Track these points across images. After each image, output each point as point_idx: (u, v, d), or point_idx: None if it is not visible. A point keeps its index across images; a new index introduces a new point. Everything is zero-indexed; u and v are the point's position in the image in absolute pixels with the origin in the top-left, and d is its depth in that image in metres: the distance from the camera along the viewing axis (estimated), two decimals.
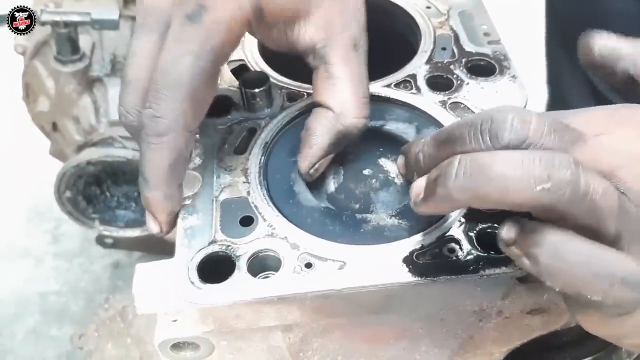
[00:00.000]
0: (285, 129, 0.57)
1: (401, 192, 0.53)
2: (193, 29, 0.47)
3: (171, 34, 0.48)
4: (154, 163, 0.48)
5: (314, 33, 0.52)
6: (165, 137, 0.47)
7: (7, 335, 1.57)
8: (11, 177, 1.83)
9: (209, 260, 0.47)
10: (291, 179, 0.53)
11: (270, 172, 0.54)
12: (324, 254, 0.46)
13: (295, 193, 0.52)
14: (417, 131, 0.56)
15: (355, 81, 0.52)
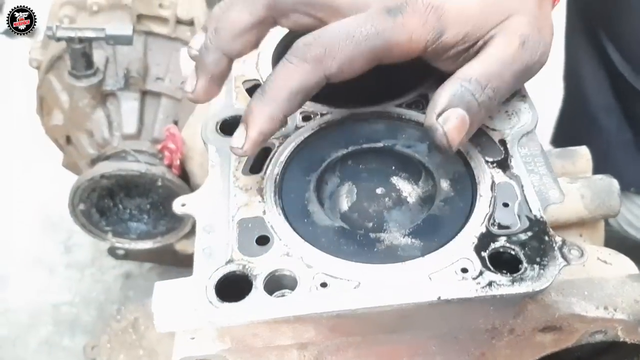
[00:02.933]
0: (299, 148, 0.58)
1: (413, 211, 0.54)
2: (385, 19, 0.51)
3: (367, 16, 0.51)
4: (283, 80, 0.50)
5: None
6: (308, 64, 0.50)
7: (20, 345, 1.59)
8: (25, 188, 1.85)
9: (226, 279, 0.48)
10: (305, 198, 0.54)
11: (285, 192, 0.55)
12: (339, 273, 0.47)
13: (309, 212, 0.53)
14: (429, 150, 0.57)
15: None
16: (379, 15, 0.51)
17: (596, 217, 0.61)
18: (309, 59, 0.50)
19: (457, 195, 0.53)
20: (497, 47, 0.53)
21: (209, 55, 0.54)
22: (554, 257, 0.47)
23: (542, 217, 0.50)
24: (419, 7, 0.52)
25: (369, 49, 0.51)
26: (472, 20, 0.53)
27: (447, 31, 0.52)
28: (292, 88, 0.50)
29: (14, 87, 2.13)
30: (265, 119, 0.51)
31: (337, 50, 0.50)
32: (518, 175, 0.53)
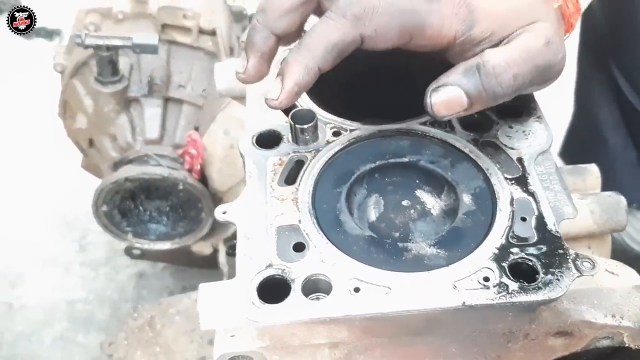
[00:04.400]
0: (330, 162, 0.62)
1: (437, 223, 0.58)
2: (424, 1, 0.55)
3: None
4: (321, 34, 0.55)
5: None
6: (347, 21, 0.54)
7: (35, 340, 1.63)
8: (42, 188, 1.90)
9: (267, 282, 0.52)
10: (337, 208, 0.58)
11: (318, 202, 0.59)
12: (370, 279, 0.51)
13: (341, 222, 0.57)
14: (451, 166, 0.61)
15: None
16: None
17: (604, 231, 0.65)
18: (348, 15, 0.54)
19: (478, 209, 0.57)
20: (523, 41, 0.57)
21: (257, 34, 0.57)
22: (568, 269, 0.51)
23: (557, 231, 0.54)
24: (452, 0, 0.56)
25: (405, 21, 0.55)
26: (499, 19, 0.57)
27: (476, 26, 0.56)
28: (329, 42, 0.54)
29: (32, 87, 2.17)
30: (301, 70, 0.55)
31: (377, 14, 0.54)
32: (535, 191, 0.57)
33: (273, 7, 0.57)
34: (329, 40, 0.54)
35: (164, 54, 1.23)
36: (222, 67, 0.76)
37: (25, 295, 1.71)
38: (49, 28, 2.45)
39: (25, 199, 1.89)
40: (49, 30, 2.43)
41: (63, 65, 1.31)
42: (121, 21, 1.24)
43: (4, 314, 1.68)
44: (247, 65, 0.58)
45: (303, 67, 0.54)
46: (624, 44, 1.08)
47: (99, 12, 1.25)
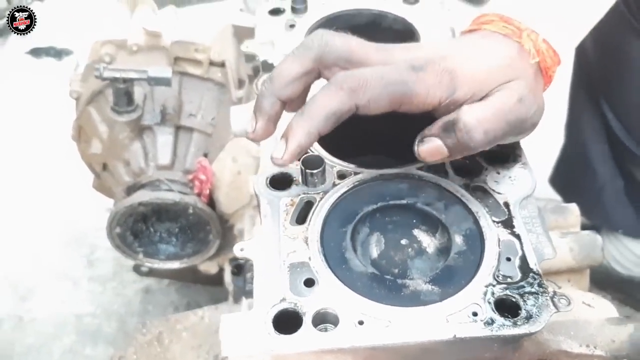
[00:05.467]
0: (336, 203, 0.69)
1: (432, 260, 0.65)
2: (409, 73, 0.62)
3: (396, 67, 0.63)
4: (321, 102, 0.61)
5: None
6: (344, 92, 0.61)
7: (45, 353, 1.68)
8: (52, 205, 1.96)
9: (281, 315, 0.59)
10: (343, 247, 0.65)
11: (326, 241, 0.66)
12: (373, 313, 0.58)
13: (346, 259, 0.64)
14: (445, 208, 0.68)
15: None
16: (405, 68, 0.63)
17: (582, 266, 0.72)
18: (345, 88, 0.61)
19: (468, 249, 0.64)
20: (497, 99, 0.64)
21: (265, 99, 0.65)
22: (547, 305, 0.58)
23: (538, 270, 0.61)
24: (436, 69, 0.63)
25: (393, 92, 0.61)
26: (479, 81, 0.64)
27: (458, 90, 0.63)
28: (329, 110, 0.61)
29: (41, 106, 2.24)
30: (303, 134, 0.62)
31: (369, 86, 0.61)
32: (519, 233, 0.64)
33: (279, 77, 0.64)
34: (328, 109, 0.61)
35: (176, 84, 1.30)
36: (238, 110, 0.83)
37: (36, 308, 1.77)
38: (58, 47, 2.51)
39: (37, 215, 1.94)
40: (58, 49, 2.49)
41: (79, 92, 1.38)
42: (135, 53, 1.31)
43: (15, 327, 1.73)
44: (256, 126, 0.65)
45: (305, 131, 0.62)
46: (613, 82, 1.15)
47: (114, 43, 1.32)
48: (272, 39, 0.92)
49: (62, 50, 2.52)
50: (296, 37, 0.91)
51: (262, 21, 0.95)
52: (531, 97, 0.66)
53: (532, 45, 0.67)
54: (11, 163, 2.13)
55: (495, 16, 0.69)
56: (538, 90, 0.68)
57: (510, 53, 0.67)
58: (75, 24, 2.50)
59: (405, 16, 0.94)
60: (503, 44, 0.68)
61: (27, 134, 2.20)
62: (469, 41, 0.69)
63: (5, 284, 1.81)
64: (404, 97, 0.62)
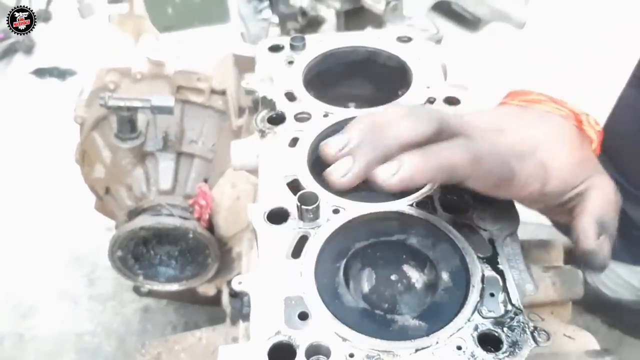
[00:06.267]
0: (330, 238, 0.73)
1: (420, 295, 0.69)
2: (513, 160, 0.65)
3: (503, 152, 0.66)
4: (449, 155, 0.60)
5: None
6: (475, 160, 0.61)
7: None
8: (54, 224, 1.99)
9: (275, 347, 0.62)
10: (335, 282, 0.68)
11: (319, 275, 0.69)
12: (363, 347, 0.61)
13: (339, 294, 0.67)
14: (433, 245, 0.72)
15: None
16: (510, 153, 0.66)
17: (564, 300, 0.76)
18: (471, 153, 0.61)
19: (454, 285, 0.67)
20: (602, 193, 0.69)
21: (374, 153, 0.61)
22: (527, 340, 0.62)
23: (520, 306, 0.65)
24: (534, 161, 0.67)
25: (503, 174, 0.64)
26: (567, 177, 0.69)
27: (550, 182, 0.68)
28: (449, 164, 0.60)
29: (44, 127, 2.28)
30: (419, 170, 0.59)
31: (488, 162, 0.62)
32: (502, 270, 0.68)
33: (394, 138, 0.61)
34: (450, 162, 0.60)
35: (178, 111, 1.34)
36: (238, 145, 0.86)
37: (36, 326, 1.80)
38: (61, 68, 2.56)
39: (39, 234, 1.98)
40: (61, 70, 2.54)
41: (83, 118, 1.42)
42: (139, 81, 1.35)
43: (16, 345, 1.76)
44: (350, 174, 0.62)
45: (422, 170, 0.59)
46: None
47: (118, 71, 1.37)
48: (271, 74, 0.95)
49: (65, 70, 2.57)
50: (294, 73, 0.95)
51: (261, 57, 0.99)
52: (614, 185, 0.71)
53: (593, 131, 0.72)
54: (14, 182, 2.16)
55: (541, 95, 0.74)
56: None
57: (576, 140, 0.72)
58: (79, 44, 2.55)
59: (399, 54, 0.98)
60: (566, 128, 0.72)
61: (30, 153, 2.24)
62: (539, 125, 0.72)
63: (6, 301, 1.84)
64: (507, 182, 0.65)
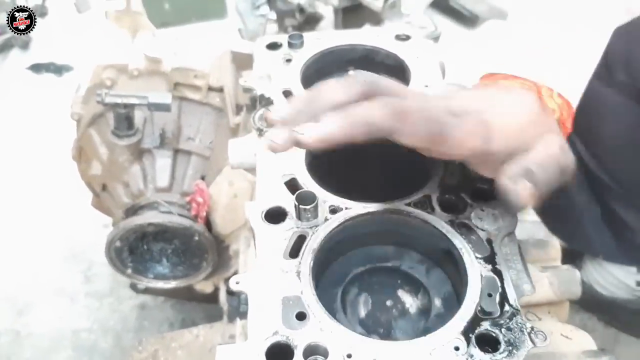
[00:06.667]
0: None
1: (414, 320, 0.69)
2: (450, 116, 0.65)
3: (437, 107, 0.65)
4: (367, 111, 0.61)
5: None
6: (397, 115, 0.61)
7: None
8: (51, 221, 1.99)
9: (273, 347, 0.62)
10: (334, 308, 0.69)
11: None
12: (361, 347, 0.61)
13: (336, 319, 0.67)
14: (426, 272, 0.72)
15: None
16: (444, 110, 0.65)
17: (562, 299, 0.76)
18: (391, 108, 0.61)
19: (446, 311, 0.68)
20: (542, 148, 0.68)
21: (302, 116, 0.63)
22: (524, 340, 0.62)
23: (517, 306, 0.65)
24: (473, 119, 0.66)
25: (433, 129, 0.63)
26: (514, 137, 0.68)
27: (494, 141, 0.66)
28: (370, 120, 0.61)
29: (40, 122, 2.27)
30: (337, 127, 0.61)
31: (413, 116, 0.62)
32: (500, 270, 0.68)
33: (322, 100, 0.64)
34: (370, 118, 0.61)
35: (175, 108, 1.34)
36: (236, 143, 0.86)
37: (33, 323, 1.79)
38: (58, 63, 2.55)
39: (36, 231, 1.98)
40: (58, 65, 2.53)
41: (80, 114, 1.41)
42: (136, 77, 1.34)
43: (12, 341, 1.76)
44: (281, 137, 0.62)
45: (340, 126, 0.61)
46: (588, 126, 1.20)
47: (115, 67, 1.36)
48: (269, 72, 0.95)
49: (62, 66, 2.56)
50: (292, 71, 0.95)
51: (259, 55, 0.98)
52: (566, 146, 0.70)
53: (553, 102, 0.71)
54: (10, 179, 2.16)
55: (509, 76, 0.73)
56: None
57: (535, 107, 0.70)
58: (76, 40, 2.54)
59: (397, 52, 0.97)
60: (527, 97, 0.71)
61: (27, 150, 2.23)
62: (496, 94, 0.72)
63: (3, 298, 1.84)
64: (440, 137, 0.64)
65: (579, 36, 0.75)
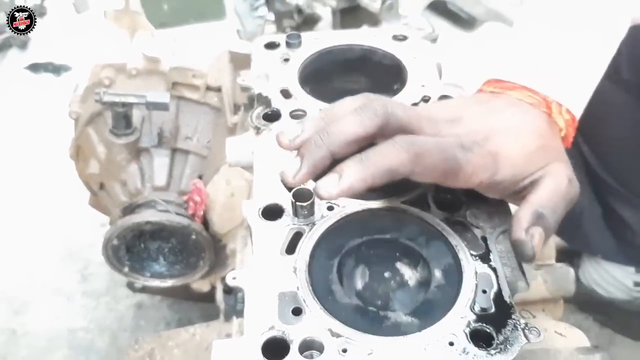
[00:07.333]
0: (324, 234, 0.73)
1: (413, 292, 0.69)
2: (460, 151, 0.65)
3: (449, 142, 0.66)
4: (383, 157, 0.62)
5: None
6: (407, 155, 0.62)
7: None
8: (48, 220, 1.99)
9: (269, 342, 0.62)
10: (329, 279, 0.69)
11: (314, 271, 0.70)
12: (356, 342, 0.62)
13: (333, 291, 0.68)
14: (426, 243, 0.72)
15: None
16: (456, 145, 0.66)
17: (556, 297, 0.76)
18: (410, 152, 0.62)
19: (447, 282, 0.68)
20: (551, 183, 0.68)
21: (318, 152, 0.64)
22: (518, 336, 0.62)
23: (512, 303, 0.65)
24: (482, 151, 0.67)
25: (447, 166, 0.64)
26: (519, 165, 0.69)
27: (499, 172, 0.68)
28: (390, 166, 0.62)
29: (38, 122, 2.28)
30: (359, 178, 0.62)
31: (430, 156, 0.63)
32: (495, 267, 0.69)
33: (340, 134, 0.64)
34: (389, 164, 0.62)
35: (173, 108, 1.34)
36: (233, 141, 0.87)
37: (29, 322, 1.79)
38: (56, 63, 2.56)
39: (32, 230, 1.98)
40: (56, 65, 2.54)
41: (78, 113, 1.42)
42: (135, 77, 1.35)
43: (8, 340, 1.76)
44: (299, 174, 0.65)
45: (362, 177, 0.62)
46: (592, 125, 1.21)
47: (114, 67, 1.37)
48: (267, 72, 0.96)
49: (60, 66, 2.57)
50: (290, 70, 0.96)
51: (257, 55, 0.99)
52: (574, 176, 0.70)
53: (562, 120, 0.72)
54: (7, 177, 2.16)
55: (517, 86, 0.73)
56: (571, 168, 0.72)
57: (542, 128, 0.71)
58: (74, 40, 2.55)
59: (394, 52, 0.98)
60: (533, 115, 0.72)
61: (24, 149, 2.24)
62: (504, 113, 0.72)
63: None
64: (452, 173, 0.65)
65: (579, 40, 0.76)
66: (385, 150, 0.63)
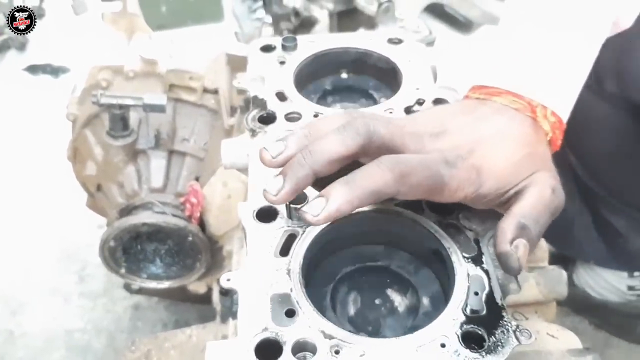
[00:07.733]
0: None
1: (403, 318, 0.70)
2: (444, 167, 0.66)
3: (434, 159, 0.66)
4: (370, 178, 0.63)
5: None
6: (393, 175, 0.62)
7: None
8: (45, 221, 1.99)
9: (262, 343, 0.63)
10: (323, 306, 0.70)
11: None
12: (349, 344, 0.62)
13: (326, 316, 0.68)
14: (415, 271, 0.73)
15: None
16: (440, 162, 0.66)
17: (548, 299, 0.77)
18: (395, 172, 0.63)
19: (433, 310, 0.69)
20: (535, 193, 0.68)
21: (301, 170, 0.65)
22: (509, 338, 0.63)
23: (503, 305, 0.66)
24: (466, 165, 0.67)
25: (432, 183, 0.65)
26: (503, 177, 0.69)
27: (484, 185, 0.68)
28: (375, 188, 0.63)
29: (36, 123, 2.28)
30: (346, 201, 0.63)
31: (414, 175, 0.64)
32: (487, 269, 0.69)
33: (322, 154, 0.65)
34: (375, 186, 0.63)
35: (170, 110, 1.35)
36: (229, 143, 0.87)
37: (26, 323, 1.79)
38: (54, 65, 2.56)
39: (30, 231, 1.98)
40: (54, 67, 2.54)
41: (75, 115, 1.42)
42: (132, 79, 1.36)
43: (5, 341, 1.76)
44: (282, 192, 0.66)
45: (348, 199, 0.63)
46: (579, 137, 1.21)
47: (111, 69, 1.37)
48: (262, 74, 0.96)
49: (58, 67, 2.57)
50: (286, 73, 0.96)
51: (253, 57, 1.00)
52: (558, 185, 0.71)
53: (547, 124, 0.72)
54: (5, 178, 2.16)
55: (502, 91, 0.73)
56: (557, 176, 0.73)
57: (527, 134, 0.71)
58: (72, 42, 2.55)
59: (389, 55, 0.99)
60: (518, 122, 0.72)
61: (22, 150, 2.24)
62: (487, 121, 0.72)
63: None
64: (437, 189, 0.66)
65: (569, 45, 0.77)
66: (371, 172, 0.63)
